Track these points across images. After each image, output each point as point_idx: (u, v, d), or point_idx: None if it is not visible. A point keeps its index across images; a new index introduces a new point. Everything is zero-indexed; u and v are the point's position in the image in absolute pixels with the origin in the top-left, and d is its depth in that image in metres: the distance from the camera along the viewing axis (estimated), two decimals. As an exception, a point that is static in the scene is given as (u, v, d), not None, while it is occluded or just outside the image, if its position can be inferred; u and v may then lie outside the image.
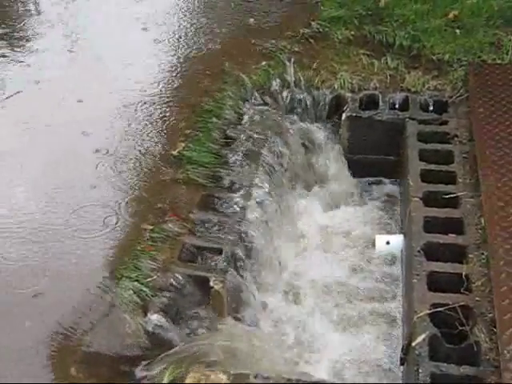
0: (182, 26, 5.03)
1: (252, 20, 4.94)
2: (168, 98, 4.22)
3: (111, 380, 2.72)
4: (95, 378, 2.69)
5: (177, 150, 3.75)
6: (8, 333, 2.81)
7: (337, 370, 3.30)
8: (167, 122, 4.00)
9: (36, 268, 3.09)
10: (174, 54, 4.68)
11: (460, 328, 2.82)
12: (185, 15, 5.19)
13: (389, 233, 3.95)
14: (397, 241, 3.75)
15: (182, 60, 4.61)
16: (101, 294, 2.97)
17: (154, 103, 4.16)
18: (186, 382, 2.64)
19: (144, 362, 2.79)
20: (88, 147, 3.82)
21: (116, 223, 3.32)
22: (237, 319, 3.23)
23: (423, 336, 2.78)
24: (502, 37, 4.42)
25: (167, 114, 4.07)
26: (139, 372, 2.77)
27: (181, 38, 4.88)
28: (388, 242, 3.79)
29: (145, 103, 4.17)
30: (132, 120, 4.02)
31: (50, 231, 3.28)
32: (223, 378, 2.61)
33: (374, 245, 3.85)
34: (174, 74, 4.46)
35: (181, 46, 4.78)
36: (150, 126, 3.97)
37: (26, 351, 2.74)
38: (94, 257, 3.16)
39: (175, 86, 4.34)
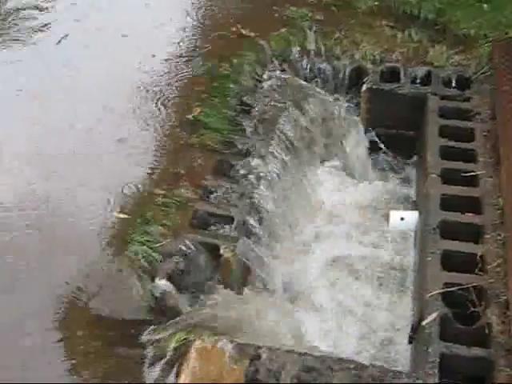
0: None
1: (274, -14, 4.83)
2: (185, 61, 4.14)
3: (116, 341, 2.70)
4: (101, 340, 2.68)
5: (192, 115, 3.69)
6: (17, 292, 2.80)
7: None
8: (183, 86, 3.93)
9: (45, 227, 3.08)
10: (193, 19, 4.59)
11: (472, 309, 2.77)
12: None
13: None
14: (412, 217, 3.70)
15: (199, 24, 4.53)
16: (110, 256, 2.95)
17: (171, 67, 4.08)
18: (193, 348, 2.61)
19: (150, 327, 2.77)
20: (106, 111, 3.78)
21: (129, 187, 3.28)
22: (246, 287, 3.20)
23: (434, 315, 2.74)
24: (530, 13, 4.30)
25: (184, 78, 3.99)
26: (145, 336, 2.74)
27: (200, 1, 4.78)
28: (402, 218, 3.74)
29: (161, 67, 4.09)
30: (148, 84, 3.95)
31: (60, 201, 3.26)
32: (229, 346, 2.59)
33: (387, 220, 3.81)
34: (191, 39, 4.38)
35: (199, 10, 4.68)
36: (166, 89, 3.90)
37: (34, 311, 2.73)
38: (105, 220, 3.13)
39: (192, 50, 4.26)
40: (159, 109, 3.75)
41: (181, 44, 4.31)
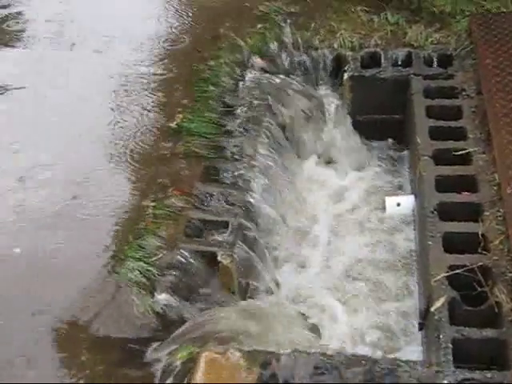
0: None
1: (245, -18, 4.76)
2: (162, 67, 4.07)
3: (122, 362, 2.64)
4: (106, 363, 2.62)
5: (175, 122, 3.63)
6: (15, 317, 2.75)
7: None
8: (163, 93, 3.88)
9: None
10: (167, 22, 4.53)
11: (479, 289, 2.72)
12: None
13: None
14: (408, 202, 3.65)
15: (173, 27, 4.46)
16: (107, 276, 2.89)
17: (149, 74, 4.03)
18: (201, 361, 2.56)
19: (155, 343, 2.71)
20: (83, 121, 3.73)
21: (116, 202, 3.22)
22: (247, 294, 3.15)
23: (442, 300, 2.69)
24: (505, -16, 4.24)
25: (163, 85, 3.94)
26: (151, 353, 2.68)
27: (171, 4, 4.72)
28: (399, 204, 3.69)
29: (139, 74, 4.03)
30: (127, 92, 3.89)
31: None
32: (238, 355, 2.53)
33: (384, 207, 3.76)
34: (167, 43, 4.32)
35: (171, 13, 4.62)
36: (145, 97, 3.84)
37: (35, 337, 2.68)
38: (97, 238, 3.07)
39: (169, 54, 4.20)
40: (140, 119, 3.70)
41: (155, 50, 4.24)
